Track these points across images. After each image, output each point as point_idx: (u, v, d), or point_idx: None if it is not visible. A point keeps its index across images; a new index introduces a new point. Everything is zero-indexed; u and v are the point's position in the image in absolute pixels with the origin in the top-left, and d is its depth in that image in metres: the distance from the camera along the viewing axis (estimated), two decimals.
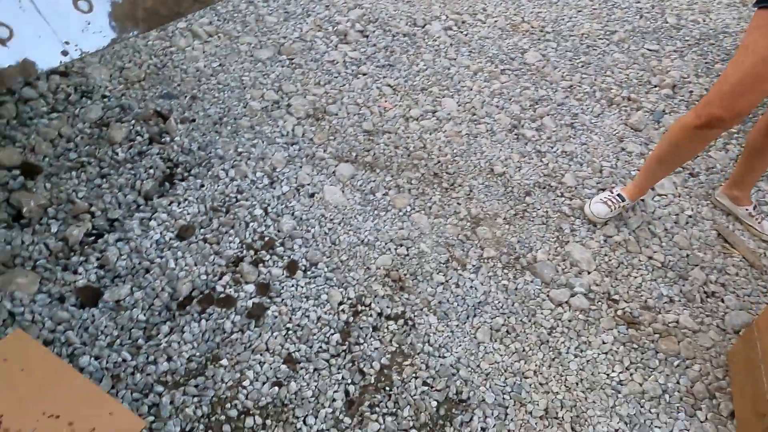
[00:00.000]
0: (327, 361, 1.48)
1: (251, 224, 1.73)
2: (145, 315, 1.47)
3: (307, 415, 1.37)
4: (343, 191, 1.91)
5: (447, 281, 1.72)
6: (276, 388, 1.41)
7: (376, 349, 1.53)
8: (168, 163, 1.85)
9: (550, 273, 1.79)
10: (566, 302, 1.72)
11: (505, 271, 1.79)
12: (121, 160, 1.81)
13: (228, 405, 1.36)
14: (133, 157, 1.84)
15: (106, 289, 1.50)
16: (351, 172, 1.97)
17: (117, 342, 1.41)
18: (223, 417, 1.34)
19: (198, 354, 1.44)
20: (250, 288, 1.58)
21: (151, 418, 1.30)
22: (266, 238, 1.72)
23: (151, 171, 1.80)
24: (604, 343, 1.64)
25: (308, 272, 1.66)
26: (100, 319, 1.43)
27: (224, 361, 1.43)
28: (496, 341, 1.61)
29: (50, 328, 1.39)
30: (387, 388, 1.46)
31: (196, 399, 1.35)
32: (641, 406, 1.51)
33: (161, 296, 1.51)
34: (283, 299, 1.58)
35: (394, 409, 1.42)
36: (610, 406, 1.51)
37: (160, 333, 1.45)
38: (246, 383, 1.40)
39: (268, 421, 1.35)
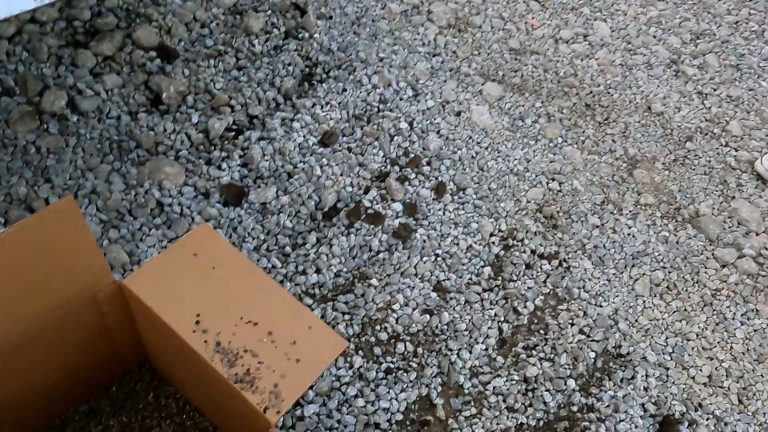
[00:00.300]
0: (479, 294, 1.37)
1: (396, 138, 1.59)
2: (291, 222, 1.38)
3: (461, 349, 1.28)
4: (490, 113, 1.73)
5: (603, 224, 1.57)
6: (427, 315, 1.31)
7: (529, 288, 1.41)
8: (307, 62, 1.70)
9: (715, 229, 1.61)
10: (732, 264, 1.56)
11: (665, 221, 1.62)
12: (258, 53, 1.67)
13: (378, 327, 1.28)
14: (270, 51, 1.69)
15: (251, 190, 1.40)
16: (498, 93, 1.79)
17: (263, 247, 1.33)
18: (373, 339, 1.26)
19: (345, 270, 1.34)
20: (398, 207, 1.46)
21: None
22: (411, 155, 1.58)
23: (290, 68, 1.66)
24: None
25: (455, 197, 1.53)
26: (247, 221, 1.35)
27: (374, 281, 1.33)
28: (655, 296, 1.46)
29: (199, 223, 1.31)
30: (542, 332, 1.35)
31: (347, 317, 1.27)
32: None
33: (307, 204, 1.41)
34: (430, 223, 1.46)
35: (552, 355, 1.31)
36: None
37: (307, 243, 1.35)
38: (396, 307, 1.31)
39: (420, 350, 1.27)
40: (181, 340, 0.82)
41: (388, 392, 1.19)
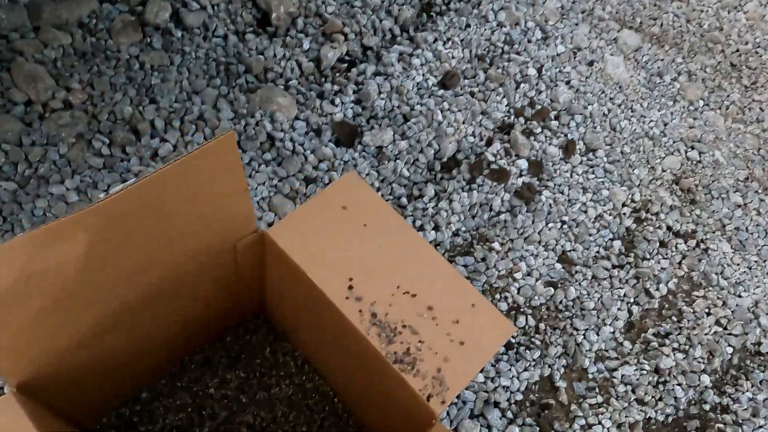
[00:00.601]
0: (608, 270, 1.24)
1: (522, 86, 1.42)
2: (408, 170, 1.25)
3: (588, 329, 1.16)
4: (626, 66, 1.54)
5: (746, 204, 1.40)
6: (551, 288, 1.19)
7: (663, 269, 1.27)
8: None
9: None
10: None
11: None
12: None
13: (498, 296, 1.17)
14: None
15: (364, 131, 1.27)
16: (635, 43, 1.58)
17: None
18: None
19: (464, 229, 1.22)
20: (523, 164, 1.32)
21: None
22: (538, 107, 1.41)
23: None
24: None
25: (585, 158, 1.37)
26: (362, 165, 1.22)
27: (496, 245, 1.21)
28: None
29: (312, 163, 1.19)
30: (675, 319, 1.21)
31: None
32: None
33: (426, 152, 1.27)
34: (557, 185, 1.31)
35: (686, 346, 1.18)
36: None
37: (425, 195, 1.23)
38: (518, 275, 1.19)
39: (542, 325, 1.15)
40: (331, 306, 0.71)
41: (509, 369, 1.09)
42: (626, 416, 1.09)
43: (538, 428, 1.04)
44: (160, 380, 0.88)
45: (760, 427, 1.13)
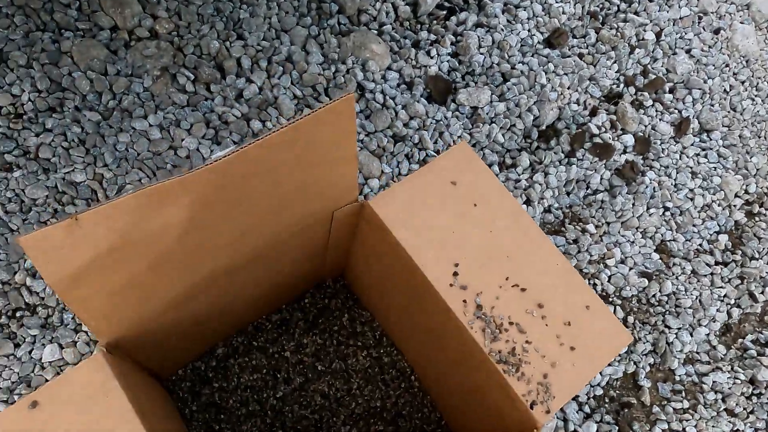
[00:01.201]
0: (710, 266, 1.13)
1: (637, 51, 1.28)
2: (503, 136, 1.15)
3: (681, 329, 1.07)
4: (756, 37, 1.36)
5: None
6: (645, 280, 1.10)
7: None
8: None
9: None
10: None
11: None
12: None
13: (587, 282, 1.08)
14: None
15: (459, 88, 1.17)
16: None
17: None
18: None
19: (557, 206, 1.13)
20: (629, 139, 1.20)
21: None
22: (652, 76, 1.27)
23: None
24: None
25: (698, 139, 1.24)
26: (455, 126, 1.13)
27: (590, 227, 1.11)
28: None
29: (403, 120, 1.11)
30: None
31: None
32: None
33: (524, 118, 1.17)
34: (664, 167, 1.20)
35: None
36: None
37: (518, 165, 1.13)
38: (610, 262, 1.10)
39: (630, 318, 1.07)
40: (433, 292, 0.65)
41: None
42: (713, 426, 1.01)
43: (617, 427, 0.98)
44: (237, 337, 0.86)
45: None
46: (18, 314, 0.87)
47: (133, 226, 0.49)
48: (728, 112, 1.27)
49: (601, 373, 1.02)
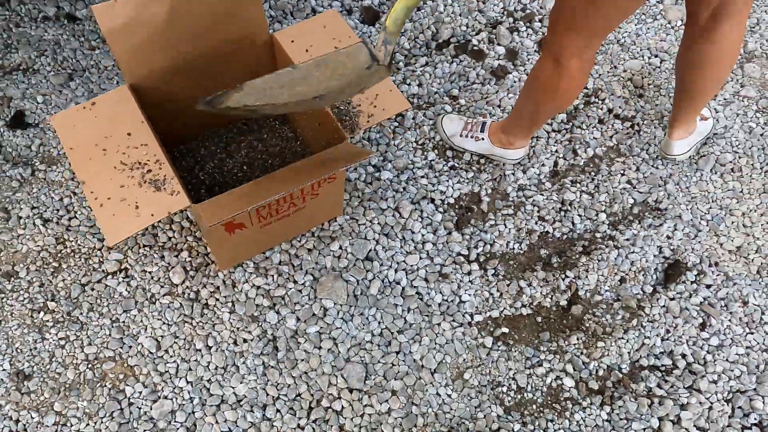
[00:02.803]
0: (548, 132, 1.62)
1: None
2: (408, 44, 1.71)
3: (516, 167, 1.57)
4: None
5: None
6: None
7: (595, 138, 1.62)
8: None
9: None
10: None
11: (758, 115, 1.68)
12: None
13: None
14: None
15: (384, 14, 1.74)
16: None
17: None
18: (450, 152, 1.59)
19: (442, 90, 1.66)
20: (501, 50, 1.72)
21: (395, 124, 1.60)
22: (527, 11, 1.79)
23: None
24: None
25: None
26: (375, 36, 1.70)
27: (462, 100, 1.64)
28: (715, 174, 1.59)
29: None
30: (593, 174, 1.58)
31: (430, 121, 1.61)
32: None
33: (425, 33, 1.72)
34: (526, 69, 1.70)
35: (593, 191, 1.55)
36: None
37: (417, 63, 1.68)
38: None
39: (483, 161, 1.58)
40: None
41: (448, 181, 1.54)
42: (526, 224, 1.50)
43: (456, 218, 1.49)
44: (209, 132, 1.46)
45: (633, 252, 1.48)
46: None
47: (137, 11, 1.10)
48: None
49: (453, 188, 1.53)
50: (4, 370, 1.26)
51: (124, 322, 1.32)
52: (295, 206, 1.28)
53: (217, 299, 1.35)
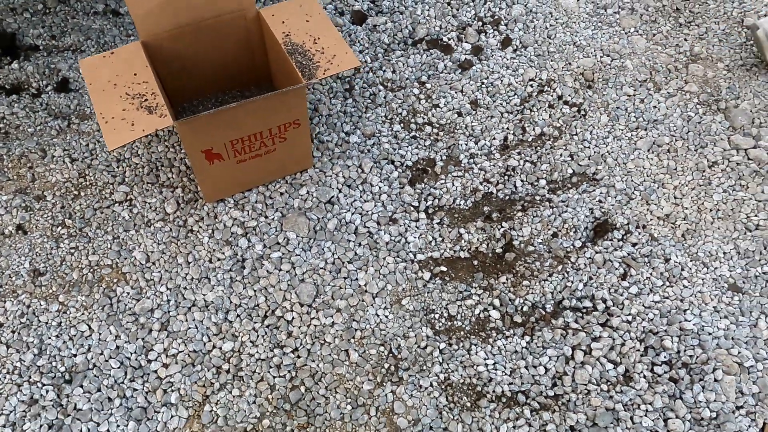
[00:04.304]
0: (501, 113, 1.85)
1: (488, 3, 2.09)
2: (388, 40, 2.00)
3: (469, 139, 1.80)
4: (578, 0, 2.11)
5: (635, 95, 1.89)
6: (456, 116, 1.84)
7: (543, 119, 1.84)
8: None
9: (743, 120, 1.81)
10: (744, 149, 1.76)
11: (699, 107, 1.86)
12: None
13: (419, 115, 1.86)
14: None
15: (370, 17, 2.05)
16: None
17: (365, 51, 1.98)
18: (413, 121, 1.84)
19: (413, 77, 1.93)
20: (468, 46, 1.99)
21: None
22: (495, 17, 2.06)
23: None
24: (763, 193, 1.68)
25: (517, 51, 1.99)
26: (360, 34, 2.01)
27: (428, 85, 1.90)
28: (652, 153, 1.77)
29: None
30: (538, 148, 1.79)
31: (399, 100, 1.87)
32: (765, 247, 1.58)
33: (403, 32, 2.01)
34: (489, 63, 1.96)
35: (536, 161, 1.75)
36: (732, 237, 1.61)
37: (394, 54, 1.97)
38: (440, 102, 1.87)
39: (441, 133, 1.82)
40: (277, 43, 1.52)
41: (408, 147, 1.78)
42: (472, 183, 1.71)
43: (410, 176, 1.72)
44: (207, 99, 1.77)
45: (565, 212, 1.66)
46: None
47: None
48: (544, 39, 2.01)
49: (412, 153, 1.77)
50: (24, 267, 1.56)
51: (123, 239, 1.60)
52: (266, 146, 1.55)
53: (201, 226, 1.62)
